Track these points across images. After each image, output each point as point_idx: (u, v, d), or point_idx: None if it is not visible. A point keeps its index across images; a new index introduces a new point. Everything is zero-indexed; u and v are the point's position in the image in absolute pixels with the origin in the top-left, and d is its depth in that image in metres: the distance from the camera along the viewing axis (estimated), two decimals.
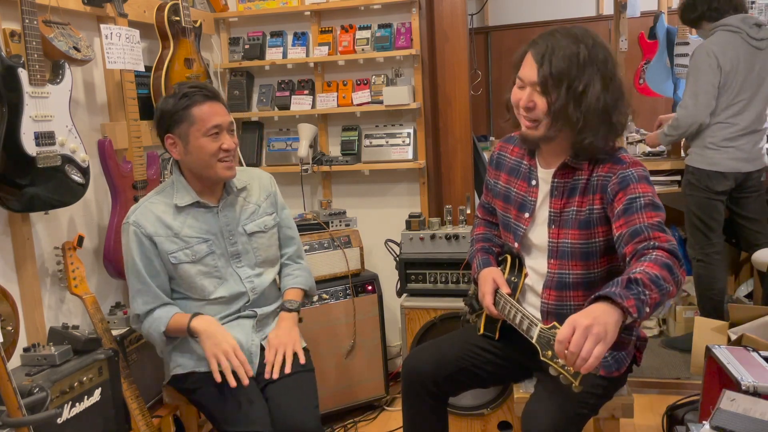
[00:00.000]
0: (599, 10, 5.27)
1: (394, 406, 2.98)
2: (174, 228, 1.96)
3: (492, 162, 1.94)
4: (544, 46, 1.60)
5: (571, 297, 1.73)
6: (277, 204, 2.18)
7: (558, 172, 1.72)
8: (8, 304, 1.95)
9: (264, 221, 2.11)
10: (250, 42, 3.23)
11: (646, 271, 1.41)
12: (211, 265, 2.00)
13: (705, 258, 3.03)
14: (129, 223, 1.95)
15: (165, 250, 1.95)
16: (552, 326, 1.47)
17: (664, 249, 1.47)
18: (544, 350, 1.46)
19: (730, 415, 1.45)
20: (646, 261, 1.44)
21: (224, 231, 2.03)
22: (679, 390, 2.87)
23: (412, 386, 1.88)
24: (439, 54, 3.15)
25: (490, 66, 5.45)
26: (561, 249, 1.71)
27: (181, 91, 1.91)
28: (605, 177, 1.64)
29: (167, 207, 1.98)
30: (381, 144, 3.14)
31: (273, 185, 2.20)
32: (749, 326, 2.21)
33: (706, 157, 2.94)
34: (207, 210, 2.01)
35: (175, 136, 1.93)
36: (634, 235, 1.53)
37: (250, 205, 2.10)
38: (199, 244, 1.98)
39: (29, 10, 1.90)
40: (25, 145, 1.93)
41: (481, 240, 2.00)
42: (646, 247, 1.49)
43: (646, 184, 1.60)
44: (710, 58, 2.86)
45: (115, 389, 2.03)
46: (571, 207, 1.70)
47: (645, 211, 1.55)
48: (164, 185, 2.06)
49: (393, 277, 2.86)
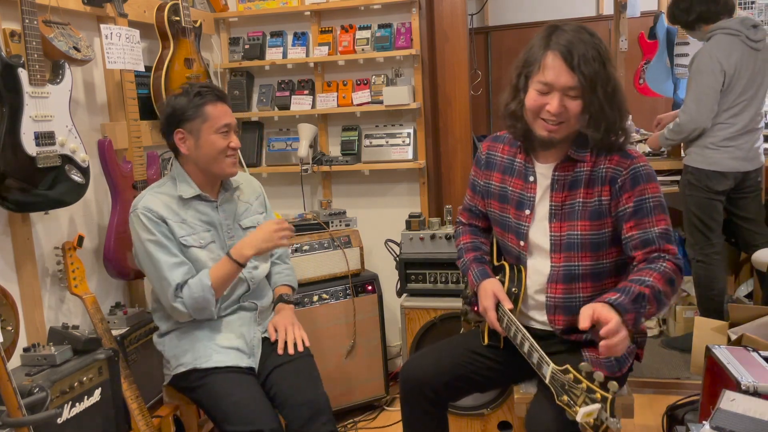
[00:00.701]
0: (599, 10, 5.27)
1: (394, 406, 2.98)
2: (180, 214, 2.03)
3: (480, 163, 1.91)
4: (570, 47, 1.57)
5: (579, 289, 1.72)
6: (266, 206, 2.30)
7: (560, 166, 1.71)
8: (8, 304, 1.95)
9: (256, 218, 2.21)
10: (250, 42, 3.23)
11: (654, 285, 1.54)
12: (216, 253, 2.06)
13: (705, 258, 3.03)
14: (137, 210, 1.98)
15: (176, 233, 2.00)
16: (565, 369, 1.45)
17: (673, 263, 1.60)
18: (559, 395, 1.44)
19: (730, 415, 1.45)
20: (656, 272, 1.57)
21: (223, 224, 2.11)
22: (679, 390, 2.87)
23: (410, 393, 1.86)
24: (439, 54, 3.15)
25: (490, 66, 5.45)
26: (566, 242, 1.71)
27: (193, 90, 2.01)
28: (615, 170, 1.66)
29: (171, 198, 2.04)
30: (381, 144, 3.14)
31: (261, 189, 2.31)
32: (749, 326, 2.21)
33: (706, 157, 2.94)
34: (207, 203, 2.09)
35: (185, 131, 2.01)
36: (645, 244, 1.63)
37: (242, 203, 2.19)
38: (204, 232, 2.06)
39: (29, 10, 1.90)
40: (25, 145, 1.93)
41: (471, 249, 1.95)
42: (656, 258, 1.62)
43: (654, 182, 1.67)
44: (713, 63, 2.85)
45: (115, 389, 2.03)
46: (574, 199, 1.69)
47: (655, 214, 1.63)
48: (164, 180, 2.11)
49: (393, 277, 2.86)
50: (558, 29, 1.62)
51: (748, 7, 3.54)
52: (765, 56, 2.90)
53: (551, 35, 1.61)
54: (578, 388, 1.39)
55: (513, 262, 1.84)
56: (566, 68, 1.57)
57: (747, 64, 2.86)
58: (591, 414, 1.34)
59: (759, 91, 2.91)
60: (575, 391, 1.40)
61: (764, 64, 2.90)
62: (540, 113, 1.64)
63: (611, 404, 1.33)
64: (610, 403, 1.33)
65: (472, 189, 1.97)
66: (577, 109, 1.60)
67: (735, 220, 3.10)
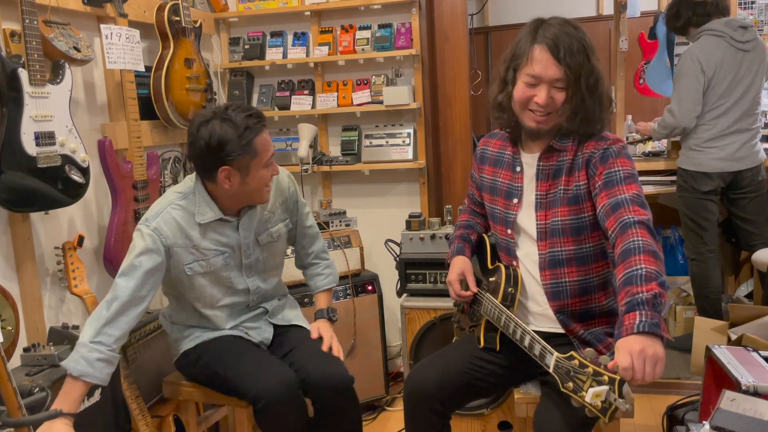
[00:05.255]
0: (599, 10, 5.27)
1: (394, 406, 2.98)
2: (194, 239, 1.90)
3: (476, 157, 1.98)
4: (556, 40, 1.61)
5: (565, 273, 1.74)
6: (297, 205, 2.14)
7: (543, 156, 1.74)
8: (8, 304, 1.95)
9: (277, 230, 2.07)
10: (250, 42, 3.23)
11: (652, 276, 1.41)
12: (224, 277, 1.97)
13: (698, 257, 3.06)
14: (148, 229, 1.84)
15: (181, 260, 1.89)
16: (569, 356, 1.44)
17: (643, 224, 1.51)
18: (564, 382, 1.44)
19: (730, 415, 1.45)
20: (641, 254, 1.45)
21: (242, 244, 1.98)
22: (679, 390, 2.88)
23: (417, 408, 1.83)
24: (439, 54, 3.15)
25: (490, 66, 5.45)
26: (550, 229, 1.73)
27: (241, 121, 1.78)
28: (590, 154, 1.68)
29: (190, 217, 1.89)
30: (381, 144, 3.14)
31: (292, 184, 2.12)
32: (749, 326, 2.21)
33: (690, 158, 3.00)
34: (228, 224, 1.95)
35: (233, 169, 1.81)
36: (615, 208, 1.58)
37: (265, 213, 2.03)
38: (215, 257, 1.94)
39: (29, 10, 1.90)
40: (25, 145, 1.93)
41: (463, 227, 2.04)
42: (626, 222, 1.52)
43: (625, 158, 1.66)
44: (694, 64, 2.92)
45: (115, 389, 2.03)
46: (557, 188, 1.72)
47: (624, 183, 1.61)
48: (187, 189, 1.93)
49: (393, 277, 2.86)
50: (544, 23, 1.67)
51: (748, 7, 3.54)
52: (754, 57, 2.92)
53: (538, 29, 1.66)
54: (584, 373, 1.39)
55: (508, 263, 1.85)
56: (553, 61, 1.61)
57: (730, 66, 2.89)
58: (599, 395, 1.33)
59: (748, 91, 2.92)
60: (581, 376, 1.39)
61: (753, 65, 2.92)
62: (528, 105, 1.68)
63: (620, 385, 1.32)
64: (618, 384, 1.32)
65: (471, 179, 2.03)
66: (561, 99, 1.65)
67: (734, 219, 3.11)
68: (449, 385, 1.81)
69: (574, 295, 1.75)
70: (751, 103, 2.93)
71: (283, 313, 2.15)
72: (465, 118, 3.17)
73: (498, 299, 1.79)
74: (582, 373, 1.39)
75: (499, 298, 1.78)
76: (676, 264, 3.73)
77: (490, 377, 1.84)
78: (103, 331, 1.75)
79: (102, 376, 1.74)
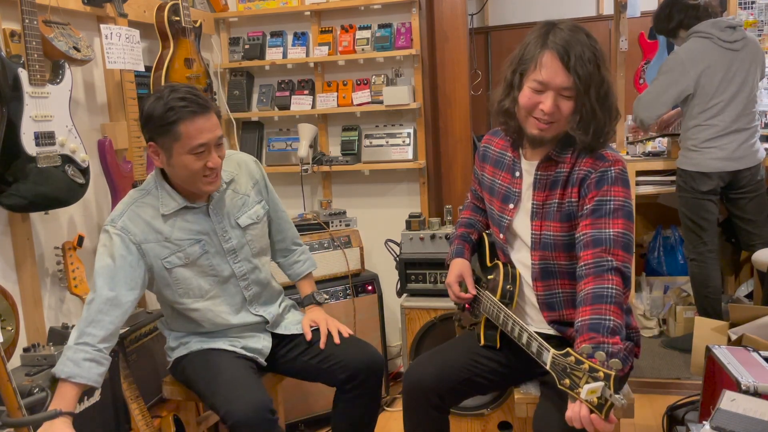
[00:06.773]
0: (599, 10, 5.27)
1: (394, 407, 2.98)
2: (164, 232, 1.87)
3: (479, 154, 1.96)
4: (566, 47, 1.56)
5: (558, 285, 1.73)
6: (266, 189, 2.11)
7: (541, 165, 1.71)
8: (8, 304, 1.95)
9: (255, 211, 2.04)
10: (250, 42, 3.23)
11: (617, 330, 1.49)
12: (206, 265, 1.94)
13: (698, 257, 3.06)
14: (115, 229, 1.82)
15: (157, 255, 1.86)
16: (565, 352, 1.44)
17: (620, 272, 1.55)
18: (561, 379, 1.43)
19: (730, 415, 1.45)
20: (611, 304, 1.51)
21: (217, 229, 1.95)
22: (679, 390, 2.87)
23: (415, 401, 1.83)
24: (439, 54, 3.15)
25: (490, 66, 5.45)
26: (543, 241, 1.71)
27: (168, 102, 1.74)
28: (586, 171, 1.64)
29: (155, 211, 1.87)
30: (381, 144, 3.14)
31: (259, 169, 2.11)
32: (749, 326, 2.21)
33: (689, 159, 3.00)
34: (196, 210, 1.92)
35: (158, 146, 1.80)
36: (596, 243, 1.57)
37: (239, 196, 2.01)
38: (191, 246, 1.91)
39: (29, 10, 1.90)
40: (25, 145, 1.93)
41: (464, 225, 2.03)
42: (604, 266, 1.55)
43: (621, 186, 1.61)
44: (677, 65, 2.94)
45: (115, 389, 2.03)
46: (552, 199, 1.70)
47: (612, 217, 1.58)
48: (148, 185, 1.92)
49: (393, 277, 2.86)
50: (555, 27, 1.61)
51: (748, 7, 3.54)
52: (745, 56, 2.92)
53: (548, 33, 1.60)
54: (580, 370, 1.39)
55: (506, 261, 1.85)
56: (562, 68, 1.56)
57: (719, 66, 2.90)
58: (594, 391, 1.33)
59: (741, 90, 2.92)
60: (577, 372, 1.39)
61: (744, 64, 2.92)
62: (533, 111, 1.63)
63: (615, 381, 1.32)
64: (613, 379, 1.32)
65: (474, 174, 2.02)
66: (570, 109, 1.60)
67: (734, 219, 3.12)
68: (448, 379, 1.81)
69: (568, 306, 1.74)
70: (747, 102, 2.93)
71: (284, 322, 2.12)
72: (465, 118, 3.17)
73: (497, 297, 1.79)
74: (578, 370, 1.39)
75: (497, 296, 1.78)
76: (676, 264, 3.72)
77: (490, 374, 1.84)
78: (86, 332, 1.74)
79: (91, 376, 1.71)
